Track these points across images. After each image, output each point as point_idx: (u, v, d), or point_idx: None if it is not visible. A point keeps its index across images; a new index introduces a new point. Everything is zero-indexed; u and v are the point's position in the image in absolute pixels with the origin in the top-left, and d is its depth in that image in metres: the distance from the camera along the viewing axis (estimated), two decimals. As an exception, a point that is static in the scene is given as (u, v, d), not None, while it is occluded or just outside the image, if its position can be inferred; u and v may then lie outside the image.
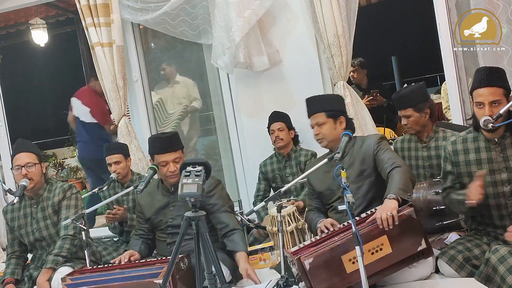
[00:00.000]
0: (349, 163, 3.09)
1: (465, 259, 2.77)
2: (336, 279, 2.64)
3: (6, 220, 3.66)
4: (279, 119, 4.23)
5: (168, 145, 3.25)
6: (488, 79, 2.66)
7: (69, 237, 3.43)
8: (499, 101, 2.64)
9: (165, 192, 3.37)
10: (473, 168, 2.82)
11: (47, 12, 7.66)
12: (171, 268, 2.49)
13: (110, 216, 4.06)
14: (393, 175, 2.83)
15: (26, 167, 3.45)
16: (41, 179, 3.55)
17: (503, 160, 2.75)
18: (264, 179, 4.39)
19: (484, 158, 2.79)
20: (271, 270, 3.48)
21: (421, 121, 3.45)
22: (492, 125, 2.63)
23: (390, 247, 2.67)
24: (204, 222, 2.40)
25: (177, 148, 3.27)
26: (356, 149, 3.12)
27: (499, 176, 2.74)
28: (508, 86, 2.70)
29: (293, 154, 4.25)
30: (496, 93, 2.64)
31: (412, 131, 3.54)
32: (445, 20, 4.15)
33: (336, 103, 3.24)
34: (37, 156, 3.54)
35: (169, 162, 3.22)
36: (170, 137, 3.29)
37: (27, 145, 3.59)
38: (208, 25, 4.64)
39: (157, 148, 3.27)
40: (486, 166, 2.78)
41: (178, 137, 3.35)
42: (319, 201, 3.30)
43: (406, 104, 3.45)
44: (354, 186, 3.04)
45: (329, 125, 3.12)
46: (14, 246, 3.66)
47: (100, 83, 4.89)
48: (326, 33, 4.21)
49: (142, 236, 3.44)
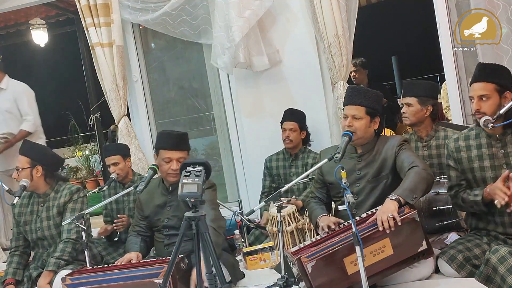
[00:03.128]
0: (368, 161, 3.04)
1: (465, 258, 2.77)
2: (337, 280, 2.64)
3: (14, 214, 3.70)
4: (293, 118, 4.18)
5: (176, 143, 3.26)
6: (479, 74, 2.73)
7: (71, 241, 3.45)
8: (487, 95, 2.68)
9: (164, 191, 3.38)
10: (475, 164, 2.84)
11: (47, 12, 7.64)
12: (171, 268, 2.49)
13: (120, 225, 4.07)
14: (407, 175, 2.80)
15: (17, 171, 3.53)
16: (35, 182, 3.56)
17: (504, 156, 2.77)
18: (269, 174, 4.37)
19: (485, 154, 2.81)
20: (271, 270, 3.49)
21: (419, 114, 3.45)
22: (492, 125, 2.66)
23: (391, 249, 2.67)
24: (204, 222, 2.40)
25: (184, 149, 3.27)
26: (377, 149, 3.06)
27: (499, 172, 2.74)
28: (505, 82, 2.71)
29: (301, 155, 4.23)
30: (485, 88, 2.68)
31: (407, 121, 3.54)
32: (445, 20, 4.15)
33: (378, 102, 3.12)
34: (31, 160, 3.54)
35: (173, 160, 3.23)
36: (180, 135, 3.31)
37: (25, 148, 3.62)
38: (208, 25, 4.64)
39: (165, 144, 3.28)
40: (487, 162, 2.80)
41: (187, 139, 3.36)
42: (324, 192, 3.24)
43: (411, 92, 3.48)
44: (369, 185, 3.01)
45: (364, 121, 3.01)
46: (18, 241, 3.70)
47: None
48: (326, 33, 4.21)
49: (140, 233, 3.44)
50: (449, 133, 3.50)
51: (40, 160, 3.57)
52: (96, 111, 6.67)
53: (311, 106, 4.42)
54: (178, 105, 5.48)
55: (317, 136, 4.40)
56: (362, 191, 3.04)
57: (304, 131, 4.23)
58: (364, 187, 3.03)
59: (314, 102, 4.47)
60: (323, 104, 4.47)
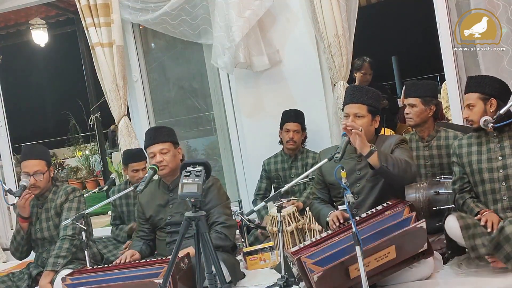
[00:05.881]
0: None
1: (474, 224, 2.88)
2: (339, 283, 2.64)
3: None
4: (298, 120, 4.17)
5: (154, 137, 3.29)
6: (466, 86, 3.09)
7: (68, 238, 3.45)
8: (472, 104, 2.99)
9: (165, 190, 3.38)
10: (473, 157, 3.04)
11: (47, 12, 7.65)
12: (171, 268, 2.49)
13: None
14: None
15: (35, 176, 3.50)
16: (47, 184, 3.59)
17: (500, 149, 2.99)
18: (266, 177, 4.35)
19: (484, 150, 3.03)
20: (271, 270, 3.49)
21: (423, 114, 3.49)
22: (492, 125, 2.88)
23: (395, 253, 2.69)
24: (204, 222, 2.40)
25: (164, 140, 3.28)
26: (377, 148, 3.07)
27: (495, 164, 2.98)
28: (488, 91, 2.96)
29: (300, 155, 4.22)
30: (470, 98, 3.01)
31: (411, 122, 3.56)
32: (445, 20, 4.14)
33: (378, 101, 3.14)
34: (46, 162, 3.57)
35: (156, 154, 3.24)
36: (157, 129, 3.36)
37: (37, 151, 3.63)
38: (208, 25, 4.64)
39: (145, 141, 3.34)
40: (485, 156, 3.02)
41: (168, 131, 3.36)
42: (325, 192, 3.24)
43: (415, 93, 3.53)
44: (369, 185, 3.02)
45: (366, 120, 3.01)
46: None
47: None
48: (326, 33, 4.21)
49: (144, 237, 3.45)
50: (450, 134, 3.53)
51: (50, 162, 3.63)
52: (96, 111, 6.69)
53: (311, 106, 4.42)
54: (178, 105, 5.48)
55: (317, 136, 4.39)
56: (362, 191, 3.04)
57: (305, 132, 4.24)
58: (364, 187, 3.04)
59: (314, 102, 4.46)
60: (323, 104, 4.47)
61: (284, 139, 4.20)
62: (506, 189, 2.94)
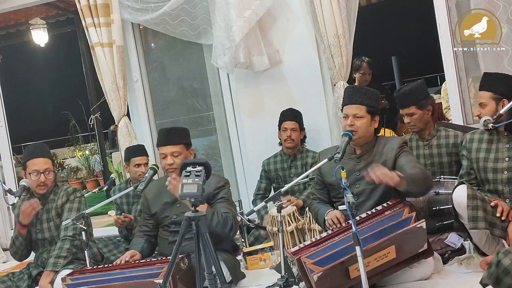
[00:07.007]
0: (368, 162, 2.99)
1: (483, 198, 2.85)
2: (339, 283, 2.64)
3: (15, 215, 3.70)
4: (295, 118, 4.17)
5: (167, 138, 3.27)
6: (480, 83, 3.07)
7: (68, 238, 3.45)
8: (484, 104, 3.00)
9: None
10: (481, 155, 3.05)
11: (47, 12, 7.65)
12: (171, 268, 2.49)
13: (119, 221, 4.06)
14: (412, 169, 2.85)
15: (45, 174, 3.51)
16: (52, 183, 3.60)
17: (507, 150, 2.97)
18: (266, 177, 4.35)
19: (493, 148, 3.02)
20: (271, 270, 3.49)
21: (424, 118, 3.50)
22: (492, 125, 2.89)
23: (395, 254, 2.68)
24: (204, 222, 2.40)
25: (177, 143, 3.25)
26: (377, 150, 3.05)
27: (500, 164, 2.96)
28: (501, 91, 2.95)
29: (299, 155, 4.22)
30: (483, 97, 3.01)
31: (415, 129, 3.56)
32: (445, 20, 4.15)
33: (377, 101, 3.13)
34: (52, 161, 3.60)
35: (167, 155, 3.23)
36: (171, 129, 3.31)
37: (45, 150, 3.64)
38: (208, 25, 4.64)
39: (158, 140, 3.32)
40: (492, 154, 3.01)
41: (183, 133, 3.34)
42: (325, 193, 3.24)
43: (408, 102, 3.50)
44: (370, 187, 3.00)
45: (366, 120, 3.00)
46: None
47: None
48: (326, 33, 4.21)
49: (146, 232, 3.43)
50: (450, 133, 3.55)
51: (54, 162, 3.63)
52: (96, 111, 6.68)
53: (311, 106, 4.42)
54: (178, 105, 5.48)
55: (317, 136, 4.40)
56: (362, 192, 3.03)
57: (303, 131, 4.24)
58: (364, 189, 3.03)
59: (314, 102, 4.46)
60: (323, 104, 4.47)
61: (282, 138, 4.20)
62: (509, 192, 2.91)
